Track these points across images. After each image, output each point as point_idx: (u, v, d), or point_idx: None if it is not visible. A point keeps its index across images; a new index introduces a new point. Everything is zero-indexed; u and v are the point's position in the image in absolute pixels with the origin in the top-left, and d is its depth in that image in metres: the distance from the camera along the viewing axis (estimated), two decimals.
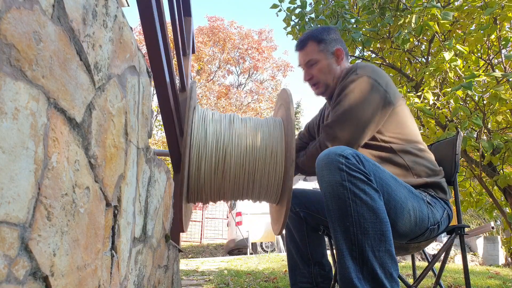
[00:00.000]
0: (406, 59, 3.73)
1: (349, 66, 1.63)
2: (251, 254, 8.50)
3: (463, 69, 2.92)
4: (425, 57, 3.52)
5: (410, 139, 1.48)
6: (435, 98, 3.18)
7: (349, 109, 1.43)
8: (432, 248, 7.32)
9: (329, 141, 1.45)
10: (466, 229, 1.42)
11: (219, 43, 16.20)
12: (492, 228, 7.84)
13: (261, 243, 9.36)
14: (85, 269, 0.67)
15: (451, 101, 2.87)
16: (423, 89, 3.02)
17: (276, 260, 5.49)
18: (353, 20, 3.29)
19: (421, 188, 1.41)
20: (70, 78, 0.61)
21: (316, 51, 1.63)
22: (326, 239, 1.76)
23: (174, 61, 2.00)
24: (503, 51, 3.17)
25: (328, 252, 1.83)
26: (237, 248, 9.56)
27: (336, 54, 1.64)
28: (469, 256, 8.47)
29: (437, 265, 1.53)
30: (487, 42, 3.20)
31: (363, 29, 3.50)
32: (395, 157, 1.44)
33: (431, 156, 1.52)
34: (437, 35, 3.12)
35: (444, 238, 5.99)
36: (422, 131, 3.58)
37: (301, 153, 1.61)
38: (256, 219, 8.93)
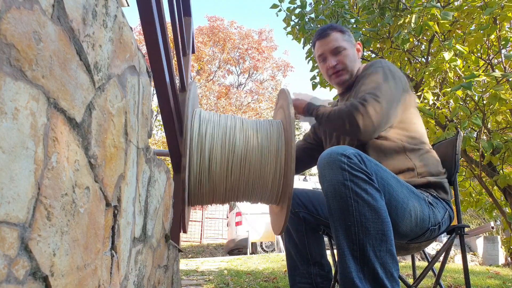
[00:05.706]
0: (406, 59, 3.73)
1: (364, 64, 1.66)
2: (251, 254, 8.49)
3: (463, 69, 2.91)
4: (425, 57, 3.51)
5: (418, 139, 1.48)
6: (435, 98, 3.17)
7: (381, 82, 1.42)
8: (432, 248, 7.32)
9: (363, 104, 1.35)
10: (466, 229, 1.42)
11: (219, 43, 16.21)
12: (492, 228, 7.85)
13: (261, 243, 9.36)
14: (85, 269, 0.67)
15: (451, 101, 2.87)
16: (423, 89, 3.02)
17: (276, 260, 5.49)
18: (353, 20, 3.29)
19: (423, 188, 1.41)
20: (70, 78, 0.61)
21: (342, 40, 1.63)
22: (326, 239, 1.76)
23: (174, 61, 2.00)
24: (503, 51, 3.16)
25: (328, 252, 1.83)
26: (237, 248, 9.55)
27: (357, 48, 1.67)
28: (469, 256, 8.47)
29: (437, 265, 1.53)
30: (487, 42, 3.19)
31: (363, 29, 3.50)
32: (403, 155, 1.44)
33: (437, 157, 1.52)
34: (437, 35, 3.12)
35: (444, 238, 5.98)
36: None
37: (335, 108, 1.47)
38: (256, 219, 8.93)
